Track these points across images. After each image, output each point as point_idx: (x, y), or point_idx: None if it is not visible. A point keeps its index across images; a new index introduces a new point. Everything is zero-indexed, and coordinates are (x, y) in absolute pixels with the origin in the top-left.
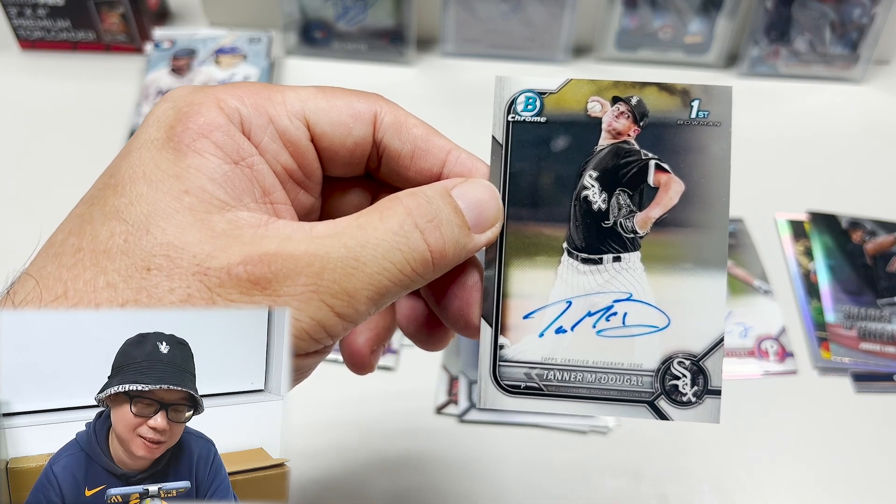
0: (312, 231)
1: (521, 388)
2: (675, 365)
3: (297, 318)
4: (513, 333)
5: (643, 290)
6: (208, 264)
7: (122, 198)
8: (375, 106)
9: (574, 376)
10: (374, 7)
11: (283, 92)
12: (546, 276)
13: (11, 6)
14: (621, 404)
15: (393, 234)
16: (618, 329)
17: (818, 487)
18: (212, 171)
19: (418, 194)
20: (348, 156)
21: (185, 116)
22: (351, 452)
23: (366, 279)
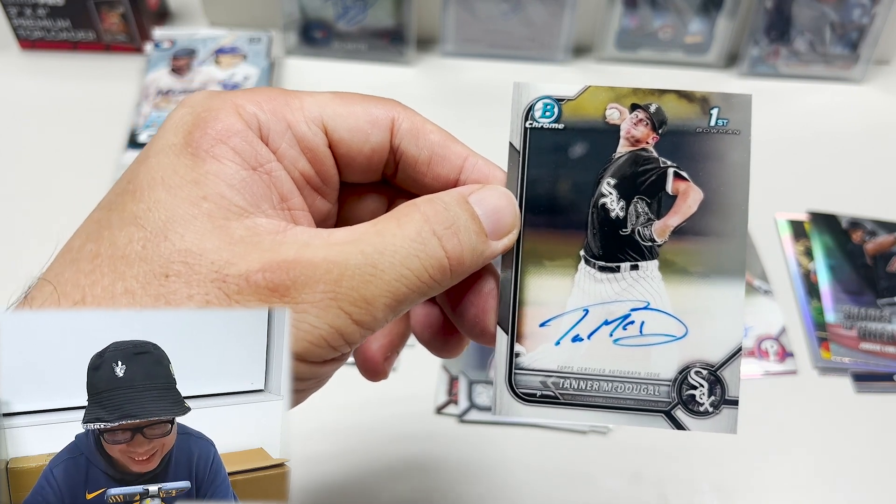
0: (330, 238)
1: (537, 397)
2: (693, 374)
3: (316, 325)
4: (529, 341)
5: (661, 299)
6: (227, 271)
7: (140, 203)
8: (393, 112)
9: (590, 385)
10: (374, 7)
11: (301, 97)
12: (563, 284)
13: (11, 6)
14: (638, 414)
15: (410, 241)
16: (635, 338)
17: (818, 487)
18: (230, 177)
19: (436, 201)
20: (365, 162)
21: (203, 122)
22: (351, 452)
23: (384, 286)
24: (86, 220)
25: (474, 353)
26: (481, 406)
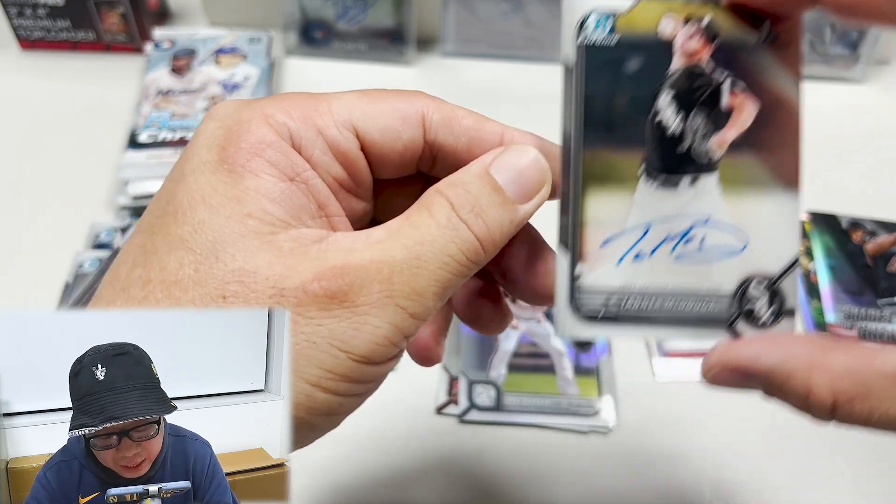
0: (370, 238)
1: (599, 316)
2: (752, 287)
3: (378, 325)
4: (590, 261)
5: (720, 213)
6: (283, 285)
7: (184, 226)
8: (421, 105)
9: (652, 303)
10: (374, 7)
11: (328, 101)
12: (622, 202)
13: (11, 6)
14: (699, 328)
15: (444, 229)
16: (695, 253)
17: (818, 487)
18: (270, 190)
19: (457, 184)
20: (398, 159)
21: (235, 136)
22: (351, 452)
23: (430, 276)
24: (127, 244)
25: (474, 352)
26: (481, 406)
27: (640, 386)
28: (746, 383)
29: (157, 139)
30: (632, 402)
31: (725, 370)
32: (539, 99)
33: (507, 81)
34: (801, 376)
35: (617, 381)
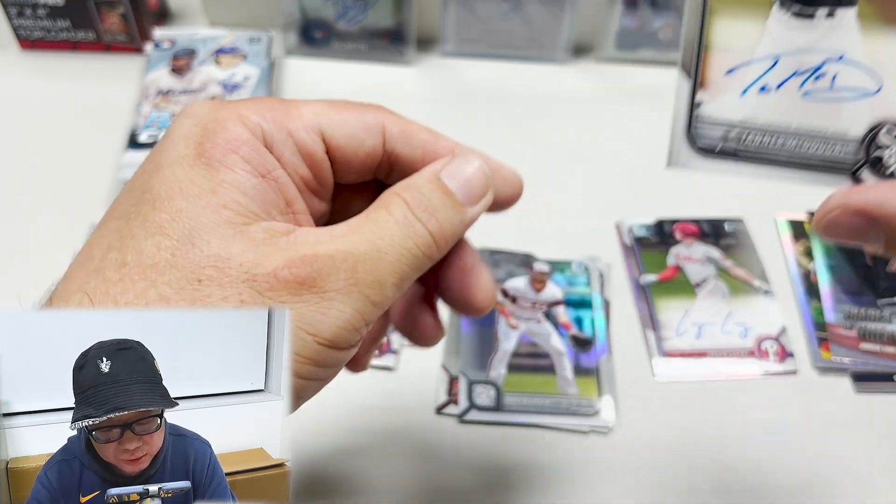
0: (334, 233)
1: (717, 150)
2: (883, 133)
3: (343, 310)
4: (712, 89)
5: (856, 51)
6: (255, 271)
7: (161, 213)
8: (383, 118)
9: (774, 140)
10: (374, 7)
11: (299, 106)
12: (753, 29)
13: (11, 6)
14: (821, 173)
15: (402, 226)
16: (825, 92)
17: (817, 487)
18: (243, 185)
19: (412, 187)
20: (360, 165)
21: (212, 133)
22: (351, 452)
23: (389, 267)
24: (99, 229)
25: (474, 353)
26: (481, 406)
27: (640, 386)
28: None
29: (157, 139)
30: (632, 402)
31: (846, 213)
32: (539, 99)
33: (507, 81)
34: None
35: (617, 381)
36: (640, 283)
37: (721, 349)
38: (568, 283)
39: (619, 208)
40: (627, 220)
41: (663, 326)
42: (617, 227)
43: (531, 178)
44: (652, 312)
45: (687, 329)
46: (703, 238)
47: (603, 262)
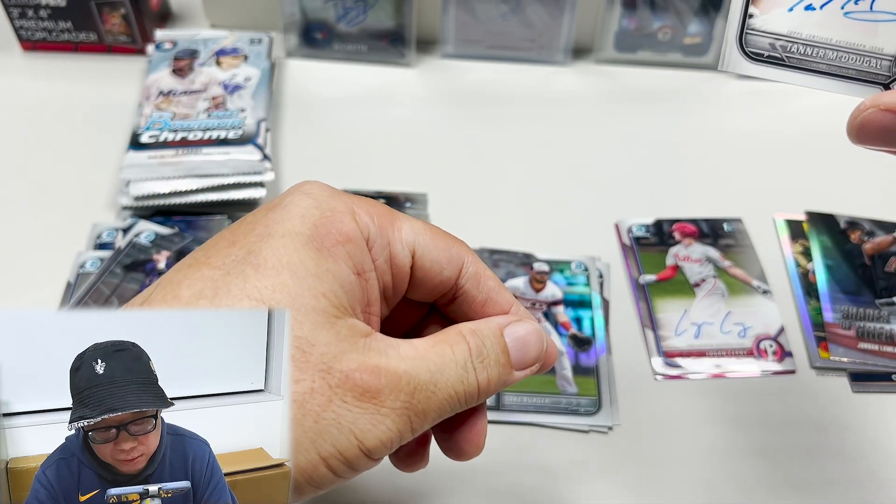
0: (401, 350)
1: (764, 57)
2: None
3: (390, 428)
4: (763, 4)
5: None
6: (332, 364)
7: (265, 280)
8: (465, 254)
9: (816, 52)
10: (374, 8)
11: (401, 220)
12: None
13: (13, 7)
14: (857, 83)
15: (459, 368)
16: (865, 13)
17: (816, 487)
18: (343, 279)
19: (478, 334)
20: (432, 289)
21: (328, 221)
22: None
23: (436, 403)
24: (191, 269)
25: None
26: None
27: (639, 385)
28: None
29: (158, 140)
30: (631, 402)
31: (878, 111)
32: (538, 100)
33: (506, 82)
34: None
35: (617, 380)
36: (639, 282)
37: (720, 349)
38: (567, 283)
39: (618, 208)
40: (626, 220)
41: (662, 326)
42: (616, 227)
43: (531, 179)
44: (651, 312)
45: (686, 329)
46: (701, 238)
47: (602, 262)
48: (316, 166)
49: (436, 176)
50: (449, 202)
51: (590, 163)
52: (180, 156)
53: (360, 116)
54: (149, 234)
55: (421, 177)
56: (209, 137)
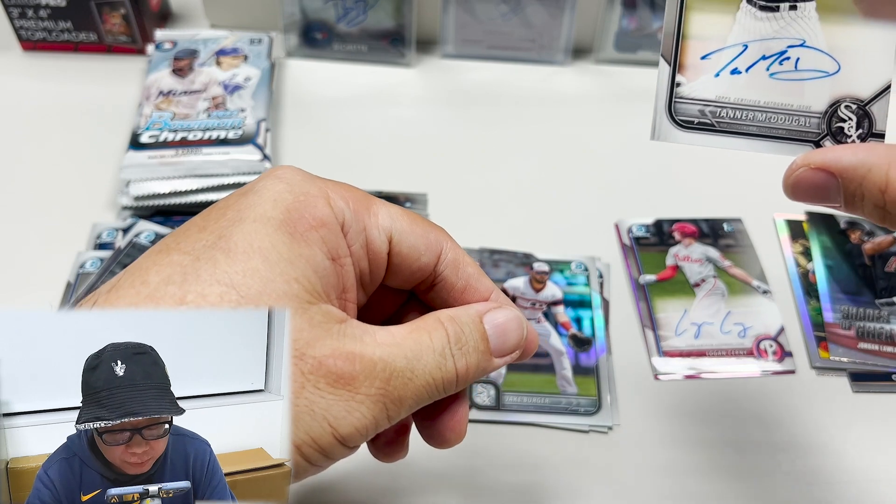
0: (377, 337)
1: (694, 124)
2: (843, 108)
3: (365, 415)
4: (690, 72)
5: (816, 38)
6: (305, 350)
7: (235, 265)
8: (443, 241)
9: (745, 115)
10: (374, 8)
11: (377, 205)
12: (724, 21)
13: (13, 7)
14: (788, 143)
15: (437, 355)
16: (790, 73)
17: (816, 487)
18: (317, 264)
19: (457, 321)
20: (410, 275)
21: (301, 205)
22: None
23: (413, 390)
24: (158, 255)
25: None
26: (481, 405)
27: (640, 385)
28: (827, 185)
29: (158, 140)
30: (631, 402)
31: (809, 170)
32: (538, 100)
33: (506, 82)
34: (879, 171)
35: (617, 380)
36: (639, 282)
37: (720, 349)
38: (567, 283)
39: (618, 208)
40: (626, 220)
41: (662, 326)
42: (616, 227)
43: (531, 179)
44: (651, 312)
45: (686, 328)
46: (701, 238)
47: (602, 262)
48: (315, 166)
49: (436, 176)
50: (449, 202)
51: (590, 163)
52: (180, 156)
53: (360, 116)
54: (149, 234)
55: (421, 177)
56: (209, 137)
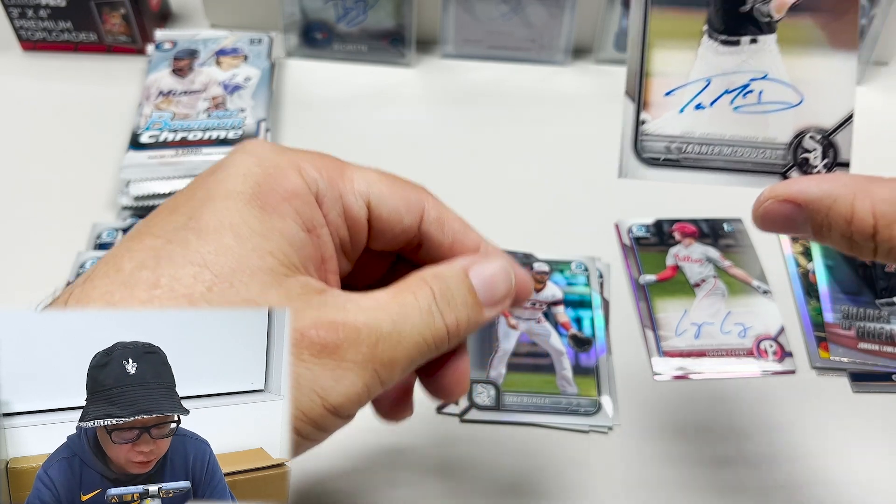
0: (361, 303)
1: (661, 161)
2: (807, 139)
3: (354, 382)
4: (654, 109)
5: (778, 70)
6: None
7: (207, 245)
8: (424, 199)
9: (711, 149)
10: (374, 8)
11: (352, 170)
12: (687, 57)
13: (13, 7)
14: (755, 175)
15: (424, 314)
16: (753, 106)
17: (816, 487)
18: (292, 236)
19: (440, 278)
20: (393, 238)
21: (271, 178)
22: (350, 452)
23: (403, 351)
24: (131, 241)
25: (474, 352)
26: (481, 405)
27: (640, 385)
28: (794, 217)
29: (158, 140)
30: (631, 402)
31: (776, 202)
32: (538, 100)
33: (507, 82)
34: (845, 201)
35: (617, 380)
36: (639, 282)
37: (720, 349)
38: (567, 283)
39: (619, 208)
40: (626, 220)
41: (662, 326)
42: (616, 227)
43: (531, 179)
44: (651, 312)
45: (686, 329)
46: (701, 238)
47: (602, 262)
48: None
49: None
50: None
51: (590, 163)
52: (180, 156)
53: (360, 116)
54: None
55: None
56: (209, 137)
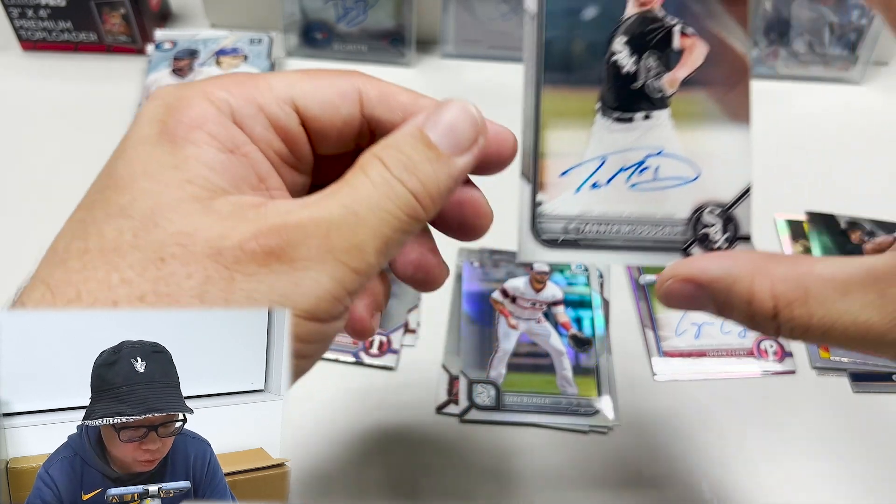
0: (307, 201)
1: (559, 242)
2: (706, 214)
3: (318, 279)
4: (550, 190)
5: (673, 145)
6: (220, 244)
7: (124, 195)
8: (358, 82)
9: (610, 228)
10: (374, 8)
11: (268, 79)
12: (580, 136)
13: (13, 7)
14: (656, 252)
15: (379, 187)
16: (650, 182)
17: (817, 487)
18: (210, 160)
19: (390, 145)
20: (338, 134)
21: (175, 111)
22: (351, 452)
23: (369, 231)
24: (67, 221)
25: (474, 352)
26: (481, 405)
27: (640, 385)
28: (697, 295)
29: None
30: (631, 402)
31: (677, 282)
32: None
33: (507, 82)
34: (744, 282)
35: (616, 380)
36: (639, 282)
37: (720, 349)
38: (567, 283)
39: None
40: None
41: (662, 326)
42: None
43: None
44: (651, 312)
45: (686, 329)
46: None
47: None
48: None
49: None
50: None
51: None
52: None
53: None
54: None
55: None
56: None
